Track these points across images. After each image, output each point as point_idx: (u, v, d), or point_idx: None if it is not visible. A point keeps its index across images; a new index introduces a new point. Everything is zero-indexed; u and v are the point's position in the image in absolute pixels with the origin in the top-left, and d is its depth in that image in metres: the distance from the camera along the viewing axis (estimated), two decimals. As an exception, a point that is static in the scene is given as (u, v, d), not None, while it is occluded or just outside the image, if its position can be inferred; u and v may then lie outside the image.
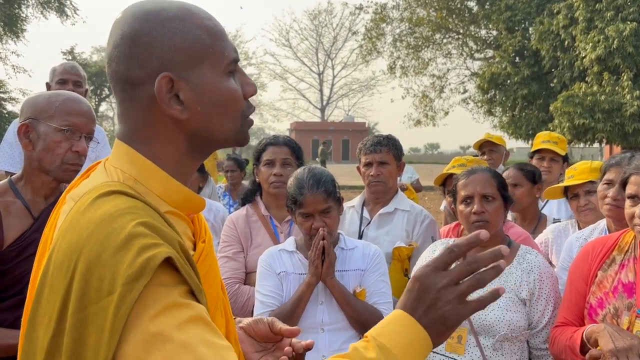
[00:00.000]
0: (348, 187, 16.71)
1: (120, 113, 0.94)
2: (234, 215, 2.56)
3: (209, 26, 0.92)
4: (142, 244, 0.75)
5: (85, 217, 0.81)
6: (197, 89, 0.90)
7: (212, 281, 0.98)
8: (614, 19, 16.91)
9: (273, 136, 2.61)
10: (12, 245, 1.72)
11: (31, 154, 1.77)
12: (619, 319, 1.74)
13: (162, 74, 0.87)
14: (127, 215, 0.79)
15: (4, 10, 20.94)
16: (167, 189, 0.91)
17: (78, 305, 0.75)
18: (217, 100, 0.91)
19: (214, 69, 0.91)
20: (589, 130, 17.18)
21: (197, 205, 0.97)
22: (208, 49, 0.91)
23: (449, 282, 0.83)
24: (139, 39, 0.88)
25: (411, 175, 6.43)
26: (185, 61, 0.89)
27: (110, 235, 0.76)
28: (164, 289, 0.75)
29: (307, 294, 1.99)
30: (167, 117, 0.90)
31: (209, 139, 0.94)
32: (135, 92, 0.89)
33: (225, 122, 0.93)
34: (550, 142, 3.54)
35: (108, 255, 0.75)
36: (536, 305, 2.02)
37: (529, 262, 2.06)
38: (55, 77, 3.10)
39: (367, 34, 27.54)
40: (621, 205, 2.13)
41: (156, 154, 0.92)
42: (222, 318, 1.01)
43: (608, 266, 1.86)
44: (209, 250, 0.99)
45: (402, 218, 2.60)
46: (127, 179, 0.90)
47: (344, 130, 48.60)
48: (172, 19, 0.89)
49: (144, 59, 0.88)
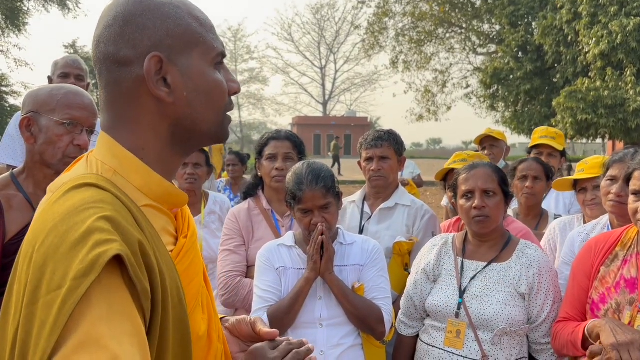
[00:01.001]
0: (350, 182, 16.72)
1: (104, 99, 0.93)
2: (236, 209, 2.57)
3: (201, 18, 0.94)
4: (97, 239, 0.74)
5: (53, 209, 0.81)
6: (185, 74, 0.90)
7: (192, 278, 0.97)
8: (618, 14, 16.82)
9: (275, 130, 2.61)
10: (14, 238, 1.72)
11: (33, 148, 1.77)
12: (621, 314, 1.75)
13: (153, 53, 0.87)
14: (90, 210, 0.78)
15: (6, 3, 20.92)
16: (148, 182, 0.91)
17: (31, 297, 0.74)
18: (204, 88, 0.92)
19: (203, 58, 0.92)
20: (592, 126, 17.14)
21: (179, 199, 0.96)
22: (199, 38, 0.92)
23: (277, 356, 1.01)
24: (132, 19, 0.88)
25: (412, 171, 6.43)
26: (176, 45, 0.89)
27: (71, 229, 0.76)
28: (113, 292, 0.74)
29: (306, 289, 1.99)
30: (152, 101, 0.90)
31: (191, 128, 0.93)
32: (122, 72, 0.89)
33: (209, 112, 0.93)
34: (548, 137, 3.54)
35: (65, 249, 0.74)
36: (535, 300, 2.02)
37: (528, 257, 2.06)
38: (57, 71, 3.10)
39: (370, 28, 27.45)
40: (624, 201, 2.12)
41: (139, 145, 0.91)
42: (203, 314, 1.00)
43: (611, 262, 1.86)
44: (190, 246, 0.98)
45: (402, 213, 2.60)
46: (106, 171, 0.89)
47: (346, 125, 48.54)
48: (166, 5, 0.91)
49: (135, 39, 0.88)
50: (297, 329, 2.00)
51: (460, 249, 2.15)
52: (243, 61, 48.72)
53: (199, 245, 1.19)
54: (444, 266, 2.13)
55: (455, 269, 2.10)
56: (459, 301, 2.02)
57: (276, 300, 2.01)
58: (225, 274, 2.38)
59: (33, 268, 0.75)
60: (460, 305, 2.01)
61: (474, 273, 2.06)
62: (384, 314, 2.02)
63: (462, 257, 2.12)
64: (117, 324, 0.72)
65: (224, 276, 2.38)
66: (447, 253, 2.16)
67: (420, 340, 2.16)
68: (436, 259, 2.16)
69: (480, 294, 2.01)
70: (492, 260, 2.07)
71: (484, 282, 2.03)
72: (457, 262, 2.11)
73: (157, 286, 0.80)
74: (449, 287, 2.08)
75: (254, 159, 2.60)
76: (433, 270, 2.15)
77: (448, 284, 2.09)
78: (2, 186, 1.78)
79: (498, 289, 2.01)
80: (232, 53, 47.37)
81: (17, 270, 0.81)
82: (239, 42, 47.94)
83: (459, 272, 2.08)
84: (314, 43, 50.44)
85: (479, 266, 2.08)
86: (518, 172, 2.95)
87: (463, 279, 2.06)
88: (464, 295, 2.03)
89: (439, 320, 2.07)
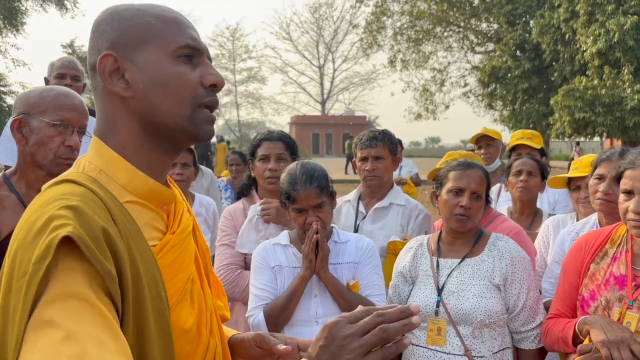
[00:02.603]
0: (348, 181, 16.73)
1: (95, 106, 1.00)
2: (231, 208, 2.58)
3: (164, 15, 0.98)
4: (54, 225, 0.79)
5: (33, 205, 0.88)
6: (141, 68, 0.94)
7: (175, 273, 0.98)
8: (615, 13, 16.85)
9: (268, 131, 2.61)
10: (6, 238, 1.72)
11: (24, 149, 1.78)
12: (610, 311, 1.77)
13: (104, 53, 0.94)
14: (58, 201, 0.83)
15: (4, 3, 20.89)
16: (132, 180, 0.95)
17: (6, 287, 0.79)
18: (160, 79, 0.94)
19: (160, 51, 0.95)
20: (590, 124, 17.17)
21: (165, 197, 0.99)
22: (156, 33, 0.95)
23: (355, 332, 0.84)
24: (98, 27, 0.97)
25: (410, 170, 6.44)
26: (130, 42, 0.94)
27: (38, 220, 0.81)
28: (69, 274, 0.77)
29: (301, 287, 2.01)
30: (117, 99, 0.95)
31: (155, 121, 0.95)
32: (95, 76, 0.96)
33: (170, 104, 0.94)
34: (525, 138, 3.60)
35: (30, 238, 0.80)
36: (511, 290, 2.06)
37: (500, 249, 2.10)
38: (54, 72, 3.11)
39: (368, 27, 27.48)
40: (612, 200, 2.14)
41: (120, 143, 0.96)
42: (192, 309, 1.02)
43: (600, 259, 1.88)
44: (176, 242, 0.99)
45: (397, 212, 2.61)
46: (92, 170, 0.95)
47: (344, 123, 48.54)
48: (128, 10, 0.97)
49: (98, 44, 0.96)
50: (293, 327, 2.02)
51: (435, 249, 2.19)
52: (241, 60, 48.74)
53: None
54: (421, 267, 2.17)
55: (431, 269, 2.13)
56: (437, 299, 2.06)
57: (272, 299, 2.03)
58: (225, 267, 2.40)
59: (9, 259, 0.81)
60: (439, 303, 2.04)
61: (450, 270, 2.10)
62: (378, 311, 2.03)
63: (437, 257, 2.16)
64: (71, 304, 0.75)
65: (223, 269, 2.39)
66: (423, 254, 2.20)
67: None
68: (412, 261, 2.20)
69: (457, 290, 2.05)
70: (465, 255, 2.12)
71: (459, 278, 2.07)
72: (433, 261, 2.15)
73: (125, 271, 0.83)
74: (426, 286, 2.11)
75: (248, 159, 2.61)
76: (410, 272, 2.18)
77: (425, 283, 2.12)
78: None
79: (473, 283, 2.04)
80: (230, 52, 47.33)
81: (3, 265, 0.86)
82: (237, 42, 47.91)
83: (435, 271, 2.12)
84: (312, 42, 50.46)
85: (453, 263, 2.12)
86: (513, 169, 2.97)
87: (440, 277, 2.10)
88: (442, 292, 2.06)
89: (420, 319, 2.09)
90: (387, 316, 0.84)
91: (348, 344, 0.83)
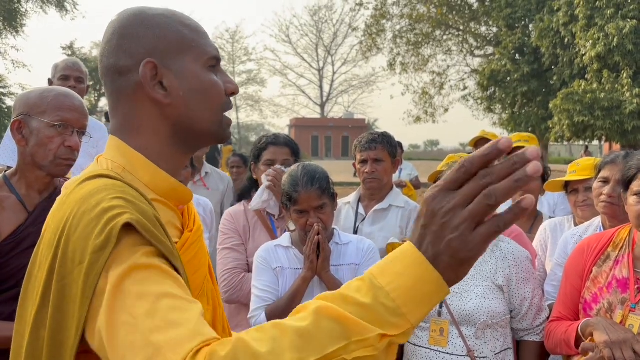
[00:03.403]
0: (347, 183, 16.72)
1: (111, 107, 1.01)
2: (232, 210, 2.58)
3: (191, 24, 1.01)
4: (110, 215, 0.80)
5: (70, 198, 0.88)
6: (179, 76, 0.96)
7: (195, 270, 1.01)
8: (614, 17, 16.90)
9: (274, 135, 2.61)
10: (7, 239, 1.73)
11: (25, 150, 1.78)
12: (613, 314, 1.77)
13: (146, 60, 0.94)
14: (104, 192, 0.85)
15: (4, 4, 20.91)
16: (154, 178, 0.97)
17: (57, 277, 0.80)
18: (199, 88, 0.97)
19: (196, 61, 0.98)
20: (589, 128, 17.20)
21: (184, 196, 1.02)
22: (190, 42, 0.98)
23: (457, 204, 0.65)
24: (128, 32, 0.97)
25: (410, 172, 6.44)
26: (168, 50, 0.96)
27: (87, 210, 0.82)
28: (127, 251, 0.78)
29: (303, 288, 2.01)
30: (151, 104, 0.96)
31: (190, 127, 0.98)
32: (122, 81, 0.96)
33: (206, 111, 0.98)
34: (521, 141, 3.61)
35: (83, 227, 0.80)
36: (515, 291, 2.06)
37: (502, 250, 2.10)
38: (58, 73, 3.12)
39: (367, 31, 27.52)
40: (616, 203, 2.14)
41: (142, 145, 0.97)
42: (208, 305, 1.05)
43: (603, 262, 1.88)
44: (194, 239, 1.03)
45: (396, 214, 2.62)
46: (116, 168, 0.96)
47: (343, 126, 48.60)
48: (157, 16, 0.98)
49: (131, 49, 0.96)
50: (293, 328, 2.02)
51: None
52: (241, 63, 48.75)
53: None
54: None
55: None
56: None
57: (274, 300, 2.04)
58: (228, 271, 2.40)
59: (60, 251, 0.81)
60: (442, 303, 2.05)
61: None
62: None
63: None
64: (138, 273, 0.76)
65: (227, 273, 2.39)
66: None
67: (407, 342, 2.19)
68: None
69: (459, 290, 2.05)
70: None
71: (462, 279, 2.06)
72: None
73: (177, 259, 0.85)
74: None
75: (250, 161, 2.61)
76: None
77: None
78: None
79: (476, 284, 2.05)
80: (230, 55, 47.40)
81: (37, 257, 0.88)
82: (237, 44, 48.08)
83: None
84: (312, 45, 50.56)
85: None
86: None
87: None
88: None
89: (422, 320, 2.10)
90: (496, 174, 0.64)
91: (449, 220, 0.65)
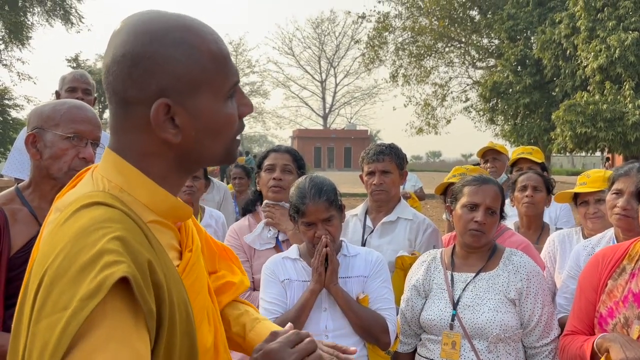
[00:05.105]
0: (350, 194, 16.71)
1: (112, 125, 0.93)
2: (237, 226, 2.57)
3: (214, 51, 0.91)
4: (106, 261, 0.74)
5: (63, 229, 0.81)
6: (194, 115, 0.89)
7: (198, 291, 0.97)
8: (616, 29, 16.97)
9: (276, 145, 2.67)
10: (19, 251, 1.73)
11: (39, 163, 1.79)
12: (629, 329, 1.73)
13: (160, 101, 0.86)
14: (101, 230, 0.78)
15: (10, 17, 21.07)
16: (154, 197, 0.91)
17: (36, 316, 0.74)
18: (213, 127, 0.91)
19: (214, 95, 0.91)
20: (591, 139, 17.19)
21: (184, 213, 0.97)
22: (210, 76, 0.90)
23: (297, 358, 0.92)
24: (140, 62, 0.86)
25: (414, 184, 6.44)
26: (184, 89, 0.87)
27: (81, 251, 0.76)
28: (117, 315, 0.74)
29: (311, 300, 2.01)
30: (159, 139, 0.89)
31: (198, 159, 0.94)
32: (129, 110, 0.89)
33: (217, 146, 0.93)
34: (525, 153, 3.63)
35: (75, 271, 0.74)
36: (525, 304, 2.05)
37: (515, 263, 2.10)
38: (65, 86, 3.15)
39: (370, 43, 27.65)
40: (630, 215, 2.13)
41: (144, 168, 0.91)
42: (210, 326, 1.01)
43: (618, 275, 1.84)
44: (195, 260, 0.98)
45: (404, 227, 2.61)
46: (113, 188, 0.90)
47: (346, 137, 48.67)
48: (176, 44, 0.87)
49: (143, 82, 0.86)
50: (301, 341, 2.02)
51: (449, 263, 2.19)
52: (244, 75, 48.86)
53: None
54: (434, 281, 2.17)
55: (445, 282, 2.14)
56: (452, 313, 2.06)
57: (282, 312, 2.03)
58: None
59: (42, 288, 0.75)
60: (454, 316, 2.04)
61: (464, 284, 2.10)
62: (389, 324, 2.04)
63: (451, 271, 2.16)
64: (114, 350, 0.72)
65: None
66: (437, 268, 2.20)
67: (418, 354, 2.19)
68: (425, 275, 2.20)
69: (472, 304, 2.04)
70: (480, 269, 2.12)
71: (474, 292, 2.07)
72: (447, 275, 2.15)
73: (164, 302, 0.80)
74: (441, 300, 2.11)
75: (255, 173, 2.62)
76: (423, 285, 2.19)
77: (440, 297, 2.12)
78: (7, 200, 1.80)
79: (488, 297, 2.04)
80: (233, 67, 47.46)
81: (27, 289, 0.80)
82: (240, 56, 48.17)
83: (449, 284, 2.12)
84: (315, 57, 50.77)
85: (468, 277, 2.12)
86: (518, 184, 2.98)
87: (455, 291, 2.10)
88: (457, 306, 2.06)
89: (434, 333, 2.11)
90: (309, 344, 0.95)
91: None
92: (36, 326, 0.73)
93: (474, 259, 2.15)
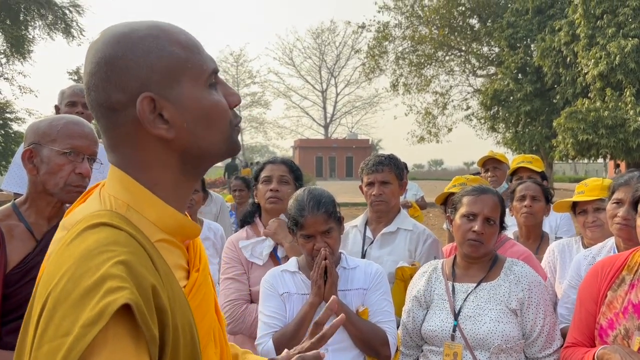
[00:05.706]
0: (352, 204, 16.70)
1: (106, 143, 0.92)
2: (234, 238, 2.56)
3: (183, 40, 0.91)
4: (109, 286, 0.73)
5: (69, 251, 0.80)
6: (179, 105, 0.88)
7: (205, 312, 0.96)
8: (616, 36, 17.02)
9: (272, 157, 2.67)
10: (15, 268, 1.73)
11: (36, 178, 1.79)
12: (630, 340, 1.72)
13: (143, 95, 0.86)
14: (105, 253, 0.77)
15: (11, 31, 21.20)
16: (162, 215, 0.90)
17: (38, 341, 0.73)
18: (202, 114, 0.90)
19: (194, 83, 0.90)
20: (593, 146, 17.20)
21: (192, 231, 0.95)
22: (185, 64, 0.89)
23: None
24: (115, 63, 0.86)
25: (416, 193, 6.44)
26: (163, 79, 0.87)
27: (85, 275, 0.74)
28: (119, 341, 0.73)
29: (310, 314, 1.99)
30: (155, 139, 0.88)
31: (201, 154, 0.92)
32: (118, 117, 0.88)
33: (214, 134, 0.92)
34: (525, 162, 3.62)
35: (77, 295, 0.73)
36: (527, 314, 2.04)
37: (516, 274, 2.09)
38: (64, 100, 3.14)
39: (370, 52, 27.77)
40: (631, 225, 2.11)
41: (152, 180, 0.90)
42: (216, 348, 0.99)
43: (618, 286, 1.83)
44: (202, 280, 0.97)
45: (404, 237, 2.60)
46: (120, 207, 0.88)
47: (347, 147, 48.76)
48: (144, 38, 0.88)
49: (122, 82, 0.86)
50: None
51: (449, 274, 2.18)
52: (245, 86, 49.09)
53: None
54: (435, 291, 2.16)
55: (446, 293, 2.12)
56: (454, 324, 2.04)
57: (281, 326, 2.02)
58: (230, 302, 2.37)
59: (45, 311, 0.74)
60: (456, 327, 2.03)
61: (465, 295, 2.09)
62: (389, 337, 2.02)
63: (452, 281, 2.15)
64: None
65: (229, 304, 2.37)
66: (438, 278, 2.19)
67: None
68: (426, 285, 2.18)
69: (473, 314, 2.03)
70: (481, 280, 2.11)
71: (476, 302, 2.06)
72: (448, 286, 2.14)
73: (167, 326, 0.79)
74: (442, 311, 2.10)
75: (253, 185, 2.62)
76: (424, 296, 2.17)
77: (441, 308, 2.11)
78: (4, 216, 1.80)
79: (490, 307, 2.03)
80: (234, 78, 47.77)
81: (31, 310, 0.80)
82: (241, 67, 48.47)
83: (450, 295, 2.11)
84: (315, 67, 50.99)
85: (469, 287, 2.11)
86: (517, 193, 2.96)
87: (456, 302, 2.09)
88: (458, 317, 2.05)
89: (435, 344, 2.09)
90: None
91: None
92: (38, 351, 0.72)
93: (475, 269, 2.14)
